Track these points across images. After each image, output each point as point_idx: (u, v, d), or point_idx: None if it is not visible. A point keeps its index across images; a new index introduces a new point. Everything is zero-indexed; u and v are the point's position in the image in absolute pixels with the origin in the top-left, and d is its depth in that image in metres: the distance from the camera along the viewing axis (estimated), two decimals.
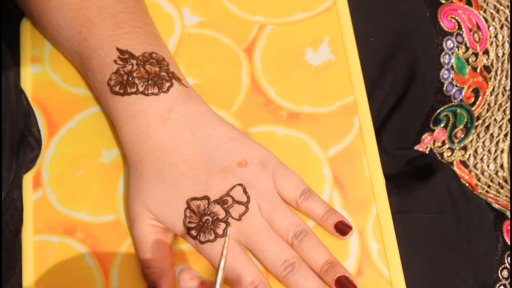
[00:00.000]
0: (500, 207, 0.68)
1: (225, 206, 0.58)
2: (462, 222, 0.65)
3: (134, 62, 0.60)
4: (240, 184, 0.59)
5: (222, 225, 0.58)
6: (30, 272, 0.60)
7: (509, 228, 0.66)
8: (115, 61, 0.60)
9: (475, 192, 0.69)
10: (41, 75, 0.67)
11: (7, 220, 0.58)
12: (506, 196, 0.76)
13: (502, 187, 0.75)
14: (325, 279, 0.58)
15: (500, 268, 0.64)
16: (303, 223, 0.59)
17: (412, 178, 0.68)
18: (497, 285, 0.64)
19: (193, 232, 0.58)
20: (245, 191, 0.58)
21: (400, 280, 0.59)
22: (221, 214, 0.58)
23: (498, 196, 0.76)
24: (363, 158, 0.63)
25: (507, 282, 0.64)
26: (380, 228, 0.61)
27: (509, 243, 0.65)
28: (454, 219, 0.65)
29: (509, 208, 0.68)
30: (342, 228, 0.60)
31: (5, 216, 0.57)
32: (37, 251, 0.61)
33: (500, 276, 0.64)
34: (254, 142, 0.61)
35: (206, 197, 0.58)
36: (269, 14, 0.69)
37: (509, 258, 0.65)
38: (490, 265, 0.64)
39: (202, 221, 0.57)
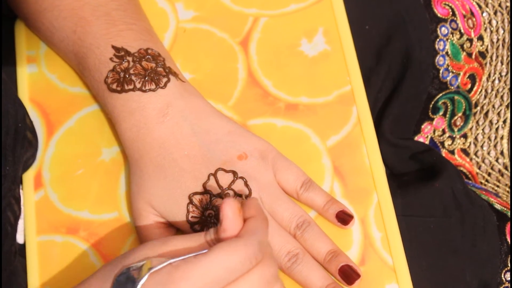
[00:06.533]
0: (501, 207, 0.67)
1: None
2: (466, 226, 0.64)
3: (130, 59, 0.60)
4: (241, 177, 0.59)
5: None
6: (35, 272, 0.60)
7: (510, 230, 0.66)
8: (111, 59, 0.60)
9: (477, 193, 0.68)
10: (37, 75, 0.67)
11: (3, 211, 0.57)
12: (506, 184, 0.76)
13: (502, 175, 0.75)
14: (329, 268, 0.58)
15: (504, 271, 0.64)
16: (305, 213, 0.59)
17: (416, 178, 0.68)
18: None
19: (196, 227, 0.58)
20: (246, 184, 0.59)
21: (403, 267, 0.59)
22: None
23: (498, 186, 0.76)
24: (362, 147, 0.64)
25: (510, 285, 0.64)
26: (382, 216, 0.61)
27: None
28: (458, 223, 0.64)
29: (509, 208, 0.68)
30: (344, 218, 0.60)
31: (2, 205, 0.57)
32: (41, 251, 0.61)
33: (504, 279, 0.64)
34: (253, 134, 0.61)
35: (208, 191, 0.58)
36: (263, 6, 0.69)
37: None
38: (494, 268, 0.64)
39: (205, 215, 0.58)
